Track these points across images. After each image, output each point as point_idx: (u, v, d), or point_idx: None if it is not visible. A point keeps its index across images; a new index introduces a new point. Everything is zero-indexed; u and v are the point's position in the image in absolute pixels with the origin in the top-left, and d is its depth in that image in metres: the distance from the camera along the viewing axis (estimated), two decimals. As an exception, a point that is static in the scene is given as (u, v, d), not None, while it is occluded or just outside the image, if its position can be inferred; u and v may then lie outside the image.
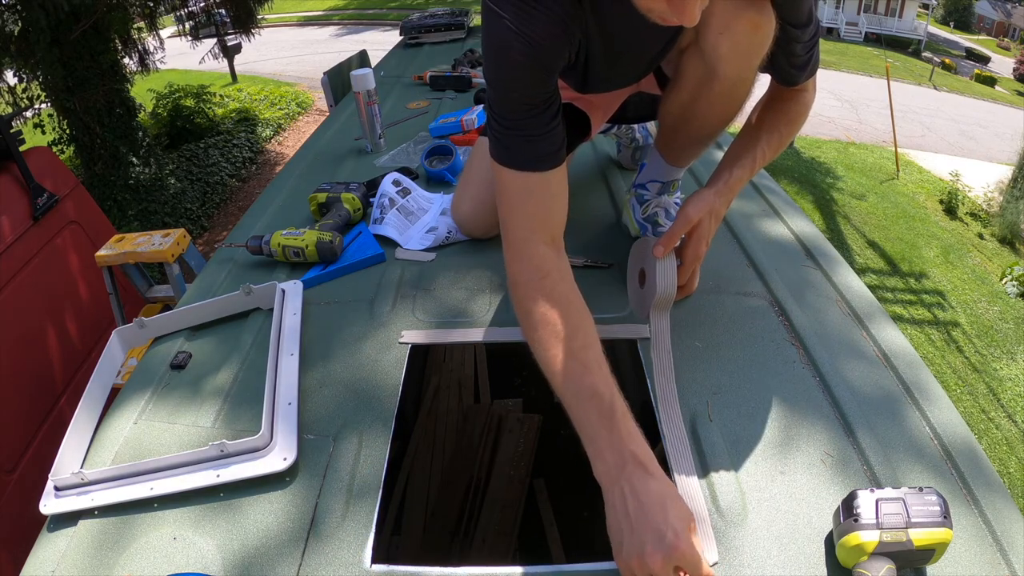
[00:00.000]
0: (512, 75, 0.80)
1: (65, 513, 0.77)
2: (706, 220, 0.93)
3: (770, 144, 0.97)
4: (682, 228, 0.91)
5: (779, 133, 0.98)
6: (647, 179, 1.17)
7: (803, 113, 1.00)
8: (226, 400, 0.93)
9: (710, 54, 0.87)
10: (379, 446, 0.84)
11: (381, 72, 2.59)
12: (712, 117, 1.01)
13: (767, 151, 0.97)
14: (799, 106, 0.99)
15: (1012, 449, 4.22)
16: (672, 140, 1.11)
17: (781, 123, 0.98)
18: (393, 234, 1.29)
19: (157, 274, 2.09)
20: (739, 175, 0.95)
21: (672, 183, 1.16)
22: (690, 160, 1.15)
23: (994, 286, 6.48)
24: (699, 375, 0.92)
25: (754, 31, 0.82)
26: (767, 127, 0.97)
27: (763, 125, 0.98)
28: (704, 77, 0.93)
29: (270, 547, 0.72)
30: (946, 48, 26.82)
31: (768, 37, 0.83)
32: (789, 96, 0.98)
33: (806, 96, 0.99)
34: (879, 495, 0.64)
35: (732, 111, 1.00)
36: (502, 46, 0.78)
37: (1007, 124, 13.51)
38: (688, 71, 0.97)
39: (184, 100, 6.93)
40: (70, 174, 2.24)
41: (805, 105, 0.99)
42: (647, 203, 1.17)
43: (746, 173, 0.96)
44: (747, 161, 0.95)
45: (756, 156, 0.96)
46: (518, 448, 1.54)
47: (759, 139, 0.97)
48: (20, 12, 4.02)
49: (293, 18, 18.38)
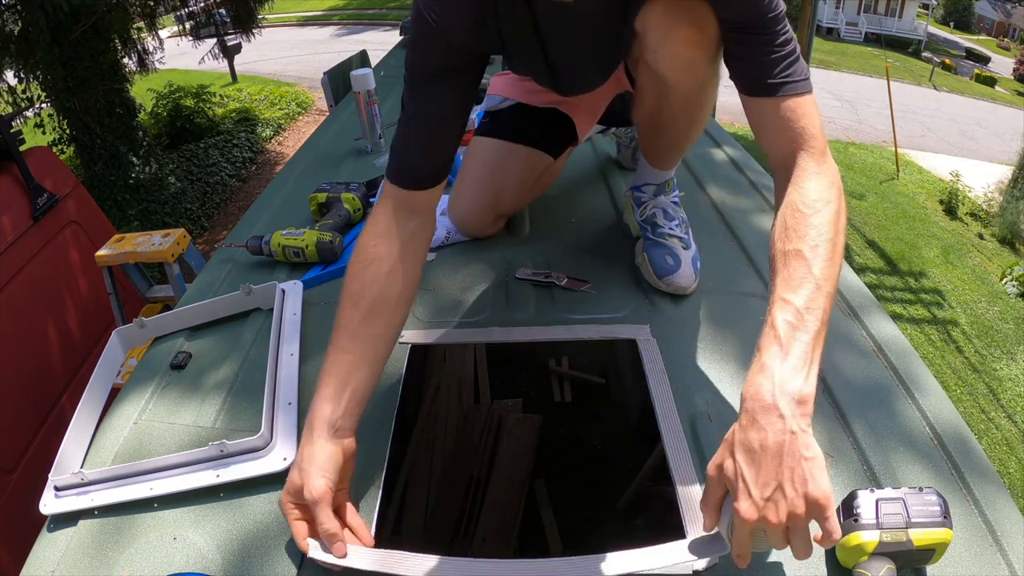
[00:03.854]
0: (420, 42, 0.83)
1: (65, 513, 0.77)
2: None
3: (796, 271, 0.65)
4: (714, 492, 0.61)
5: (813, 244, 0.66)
6: (641, 181, 1.18)
7: (835, 197, 0.70)
8: (226, 400, 0.93)
9: (654, 70, 0.87)
10: (379, 446, 0.84)
11: (381, 72, 2.59)
12: (681, 123, 1.01)
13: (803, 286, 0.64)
14: (822, 188, 0.70)
15: (1012, 449, 4.22)
16: (651, 146, 1.12)
17: (808, 230, 0.67)
18: None
19: (157, 274, 2.09)
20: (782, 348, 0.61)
21: (666, 183, 1.17)
22: (674, 162, 1.15)
23: (994, 286, 6.48)
24: (699, 375, 0.92)
25: (688, 47, 0.80)
26: (793, 249, 0.67)
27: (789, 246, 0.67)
28: (658, 90, 0.93)
29: (270, 547, 0.72)
30: (946, 48, 26.82)
31: (709, 47, 0.80)
32: (801, 181, 0.71)
33: (822, 176, 0.71)
34: (879, 495, 0.64)
35: (701, 114, 0.99)
36: (416, 17, 0.81)
37: (1007, 124, 13.51)
38: (643, 84, 0.97)
39: (184, 100, 6.93)
40: (70, 174, 2.24)
41: (825, 183, 0.71)
42: (644, 204, 1.16)
43: (798, 334, 0.61)
44: (781, 325, 0.63)
45: (791, 313, 0.63)
46: (518, 448, 1.54)
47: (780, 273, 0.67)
48: (20, 12, 4.02)
49: (293, 18, 18.38)
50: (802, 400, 0.57)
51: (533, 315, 1.07)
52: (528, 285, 1.14)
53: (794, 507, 0.54)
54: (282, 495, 0.70)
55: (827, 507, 0.54)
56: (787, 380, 0.58)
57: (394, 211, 0.84)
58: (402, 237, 0.83)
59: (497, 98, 1.27)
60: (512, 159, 1.22)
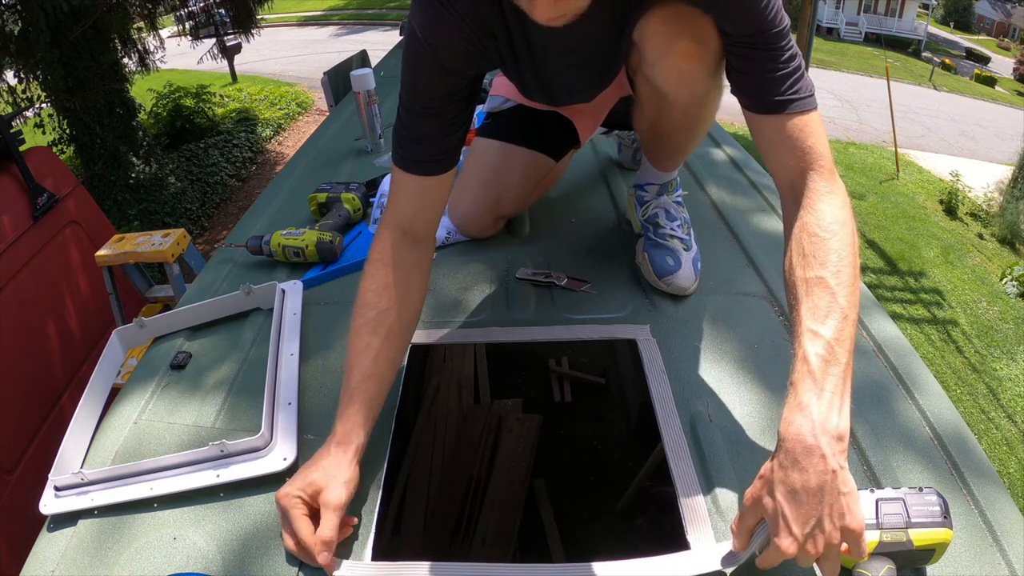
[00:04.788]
0: (415, 69, 0.82)
1: (65, 513, 0.77)
2: None
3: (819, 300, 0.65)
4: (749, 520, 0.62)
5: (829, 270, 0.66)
6: (644, 181, 1.18)
7: (846, 218, 0.70)
8: (226, 400, 0.93)
9: (653, 82, 0.86)
10: (379, 446, 0.84)
11: (381, 72, 2.59)
12: (681, 132, 1.00)
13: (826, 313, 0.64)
14: (836, 209, 0.70)
15: (1012, 449, 4.22)
16: (653, 150, 1.12)
17: (829, 255, 0.67)
18: None
19: (157, 274, 2.09)
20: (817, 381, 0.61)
21: (669, 183, 1.16)
22: (677, 164, 1.15)
23: (994, 286, 6.48)
24: (699, 375, 0.92)
25: (688, 60, 0.78)
26: (808, 277, 0.67)
27: (804, 275, 0.68)
28: (658, 101, 0.91)
29: (270, 547, 0.72)
30: (946, 48, 26.82)
31: (709, 60, 0.78)
32: (812, 203, 0.71)
33: (834, 196, 0.71)
34: (879, 495, 0.64)
35: (701, 123, 0.98)
36: (410, 43, 0.82)
37: (1007, 124, 13.51)
38: (643, 94, 0.96)
39: (184, 100, 6.93)
40: (70, 174, 2.24)
41: (838, 204, 0.71)
42: (647, 204, 1.16)
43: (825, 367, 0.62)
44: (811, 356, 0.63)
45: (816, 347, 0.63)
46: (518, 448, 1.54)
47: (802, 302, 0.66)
48: (20, 12, 4.02)
49: (293, 18, 18.37)
50: (840, 437, 0.59)
51: (533, 315, 1.07)
52: (528, 285, 1.14)
53: (831, 539, 0.57)
54: (288, 490, 0.71)
55: (861, 536, 0.57)
56: (826, 418, 0.59)
57: (397, 241, 0.85)
58: (407, 265, 0.85)
59: (499, 98, 1.27)
60: (514, 161, 1.21)
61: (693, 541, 0.69)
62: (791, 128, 0.73)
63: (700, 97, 0.87)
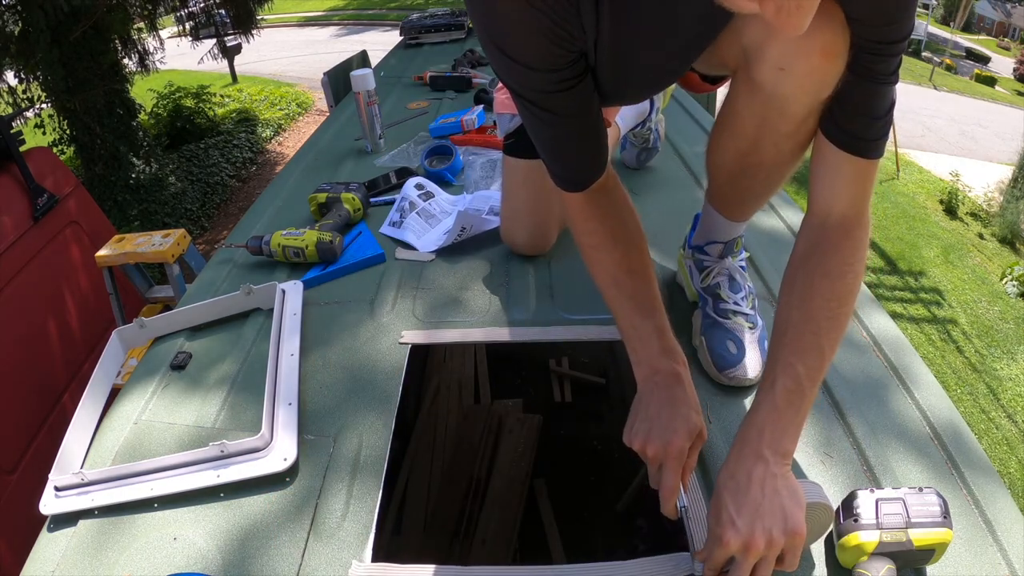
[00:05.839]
0: (513, 71, 0.71)
1: (65, 513, 0.77)
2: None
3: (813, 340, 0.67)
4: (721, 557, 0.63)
5: (829, 313, 0.67)
6: (705, 240, 0.98)
7: (859, 263, 0.69)
8: (226, 400, 0.93)
9: (771, 91, 0.69)
10: (379, 446, 0.84)
11: (381, 72, 2.59)
12: (779, 161, 0.79)
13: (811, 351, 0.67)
14: (853, 250, 0.69)
15: (1012, 449, 4.21)
16: (730, 193, 0.90)
17: (830, 296, 0.67)
18: (411, 238, 1.29)
19: (157, 274, 2.09)
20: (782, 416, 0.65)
21: (736, 241, 0.97)
22: (755, 210, 0.94)
23: (994, 286, 6.48)
24: (699, 375, 0.92)
25: (827, 59, 0.62)
26: (810, 312, 0.68)
27: (808, 309, 0.68)
28: (765, 118, 0.73)
29: (270, 547, 0.72)
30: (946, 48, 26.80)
31: (843, 62, 0.63)
32: (834, 241, 0.69)
33: (862, 235, 0.70)
34: (879, 495, 0.64)
35: (801, 148, 0.77)
36: (495, 56, 0.70)
37: (1007, 124, 13.50)
38: (743, 112, 0.76)
39: (184, 100, 6.92)
40: (70, 174, 2.24)
41: (863, 241, 0.70)
42: (707, 270, 0.97)
43: (795, 400, 0.65)
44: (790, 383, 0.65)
45: (800, 371, 0.65)
46: (518, 448, 1.54)
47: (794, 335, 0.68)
48: (20, 12, 4.01)
49: (293, 18, 18.37)
50: (785, 455, 0.64)
51: (533, 315, 1.07)
52: (528, 285, 1.14)
53: (774, 541, 0.59)
54: (681, 443, 0.69)
55: (801, 541, 0.60)
56: (778, 441, 0.65)
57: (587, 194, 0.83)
58: (607, 190, 0.84)
59: (506, 116, 1.21)
60: None
61: (693, 541, 0.69)
62: (860, 172, 0.68)
63: (817, 110, 0.69)
